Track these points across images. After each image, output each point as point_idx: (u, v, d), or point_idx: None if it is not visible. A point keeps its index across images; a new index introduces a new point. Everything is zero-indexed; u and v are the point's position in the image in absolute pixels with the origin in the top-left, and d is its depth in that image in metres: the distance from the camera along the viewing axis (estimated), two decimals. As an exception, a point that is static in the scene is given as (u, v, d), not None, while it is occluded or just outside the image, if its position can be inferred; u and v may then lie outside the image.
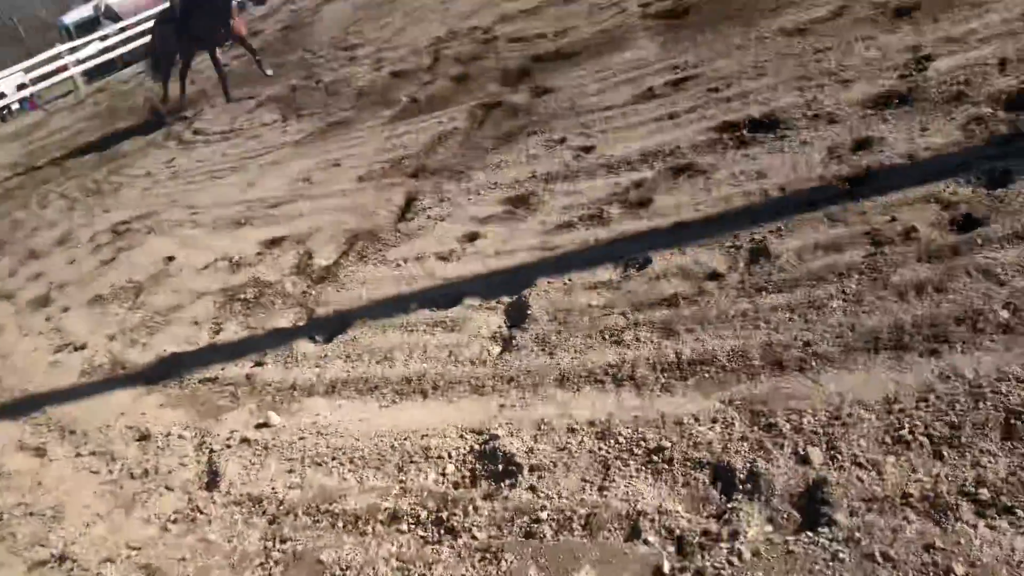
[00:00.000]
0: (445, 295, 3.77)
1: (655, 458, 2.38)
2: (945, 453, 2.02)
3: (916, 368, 2.33)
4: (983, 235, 2.74)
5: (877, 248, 2.90)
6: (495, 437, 2.72)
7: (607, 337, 3.04)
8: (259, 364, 3.87)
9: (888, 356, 2.41)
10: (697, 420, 2.46)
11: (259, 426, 3.38)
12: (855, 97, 4.03)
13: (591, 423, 2.63)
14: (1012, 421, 2.03)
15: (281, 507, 2.84)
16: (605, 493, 2.34)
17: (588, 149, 4.74)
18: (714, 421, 2.42)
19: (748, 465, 2.21)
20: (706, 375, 2.65)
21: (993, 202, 2.90)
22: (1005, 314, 2.38)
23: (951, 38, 4.22)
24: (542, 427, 2.70)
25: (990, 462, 1.95)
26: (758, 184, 3.66)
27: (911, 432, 2.12)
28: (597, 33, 6.91)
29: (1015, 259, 2.58)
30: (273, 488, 2.95)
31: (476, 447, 2.73)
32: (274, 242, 5.22)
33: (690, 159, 4.13)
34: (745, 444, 2.29)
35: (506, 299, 3.55)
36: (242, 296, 4.61)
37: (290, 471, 3.01)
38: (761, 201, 3.54)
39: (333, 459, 2.98)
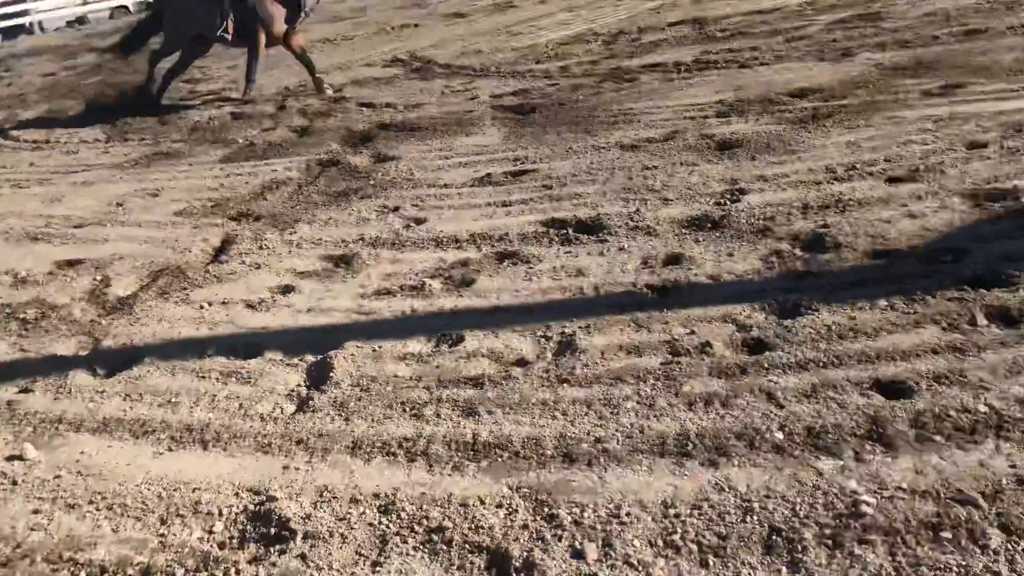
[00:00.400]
0: (247, 345, 3.60)
1: (435, 538, 2.32)
2: (711, 561, 2.09)
3: (695, 476, 2.41)
4: (769, 360, 2.93)
5: (674, 357, 3.04)
6: (273, 499, 2.57)
7: (407, 410, 2.98)
8: (25, 391, 3.51)
9: (671, 461, 2.49)
10: (483, 503, 2.42)
11: (10, 458, 3.04)
12: (673, 215, 4.28)
13: (376, 495, 2.54)
14: (773, 537, 2.13)
15: (17, 550, 2.54)
16: (378, 569, 2.24)
17: (420, 221, 4.75)
18: (499, 506, 2.40)
19: (525, 554, 2.19)
20: (499, 459, 2.63)
21: (782, 331, 3.12)
22: (780, 435, 2.53)
23: (764, 177, 4.60)
24: (325, 494, 2.58)
25: (749, 574, 2.03)
26: (576, 281, 3.77)
27: (682, 537, 2.18)
28: (446, 113, 7.04)
29: (794, 385, 2.76)
30: (13, 527, 2.64)
31: (251, 507, 2.57)
32: (70, 264, 4.83)
33: (516, 248, 4.22)
34: (526, 532, 2.28)
35: (310, 358, 3.43)
36: (21, 315, 4.21)
37: (36, 511, 2.71)
38: (576, 297, 3.64)
39: (90, 503, 2.71)
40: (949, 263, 3.43)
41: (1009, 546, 2.00)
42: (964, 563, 1.97)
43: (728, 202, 4.37)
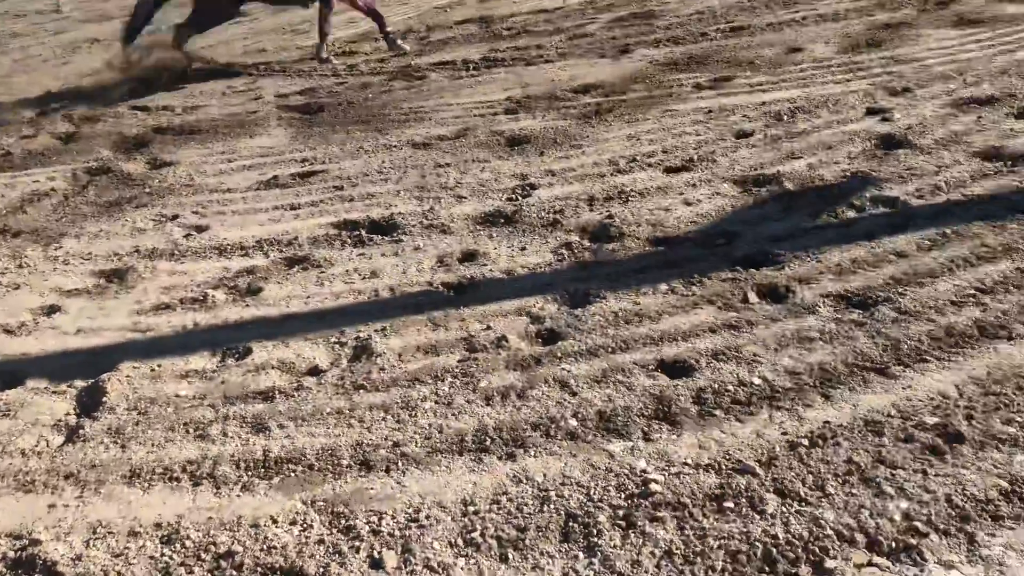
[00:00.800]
0: (4, 374, 3.25)
1: (223, 564, 2.17)
2: (510, 555, 2.08)
3: (494, 470, 2.40)
4: (562, 349, 2.98)
5: (471, 354, 3.03)
6: (36, 542, 2.31)
7: (191, 431, 2.78)
8: None
9: (470, 458, 2.47)
10: (275, 522, 2.30)
11: None
12: (467, 212, 4.28)
13: (158, 525, 2.35)
14: (570, 524, 2.16)
15: None
16: (161, 606, 2.07)
17: (201, 229, 4.49)
18: (293, 523, 2.29)
19: (321, 570, 2.09)
20: (292, 474, 2.51)
21: (573, 320, 3.18)
22: (574, 422, 2.57)
23: (552, 171, 4.70)
24: (99, 530, 2.35)
25: (548, 563, 2.03)
26: (370, 284, 3.68)
27: (482, 534, 2.16)
28: (228, 115, 6.70)
29: (586, 372, 2.82)
30: None
31: (11, 554, 2.30)
32: None
33: (307, 252, 4.07)
34: (321, 548, 2.18)
35: (80, 383, 3.14)
36: None
37: None
38: (371, 300, 3.55)
39: None
40: (722, 246, 3.63)
41: (784, 509, 2.12)
42: (746, 530, 2.07)
43: (519, 197, 4.42)
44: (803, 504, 2.13)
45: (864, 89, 5.31)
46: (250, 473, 2.54)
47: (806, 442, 2.36)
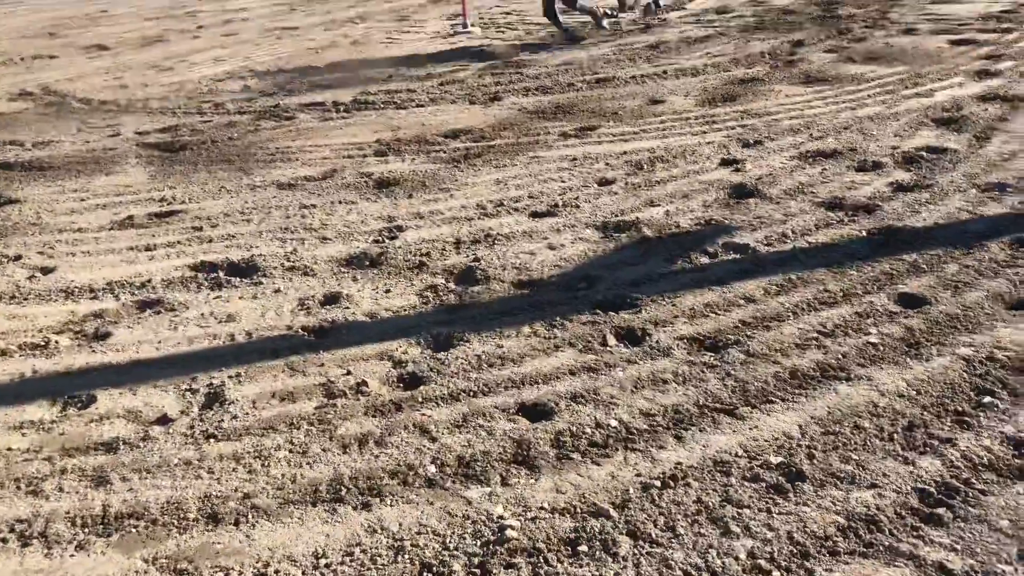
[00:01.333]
0: None
1: (50, 633, 2.02)
2: (362, 608, 2.02)
3: (348, 521, 2.34)
4: (423, 393, 2.96)
5: (329, 400, 2.96)
6: None
7: (23, 486, 2.60)
8: None
9: (324, 509, 2.40)
10: (111, 583, 2.16)
11: None
12: (331, 254, 4.22)
13: (-22, 592, 2.17)
14: (424, 574, 2.12)
15: None
16: None
17: (47, 271, 4.24)
18: (131, 584, 2.16)
19: (158, 634, 1.98)
20: (134, 530, 2.37)
21: (435, 363, 3.17)
22: (432, 468, 2.54)
23: (420, 214, 4.70)
24: (-91, 601, 2.15)
25: (400, 616, 1.99)
26: (226, 328, 3.56)
27: (333, 588, 2.09)
28: (84, 151, 6.40)
29: (447, 417, 2.80)
30: None
31: None
32: None
33: (160, 295, 3.90)
34: (161, 609, 2.06)
35: (-102, 437, 2.88)
36: None
37: None
38: (226, 345, 3.43)
39: None
40: (584, 290, 3.70)
41: (635, 551, 2.15)
42: (598, 573, 2.08)
43: (386, 239, 4.39)
44: (654, 546, 2.17)
45: (719, 140, 5.58)
46: (87, 531, 2.38)
47: (659, 483, 2.41)
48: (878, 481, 2.36)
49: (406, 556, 2.18)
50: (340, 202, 4.99)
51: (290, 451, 2.68)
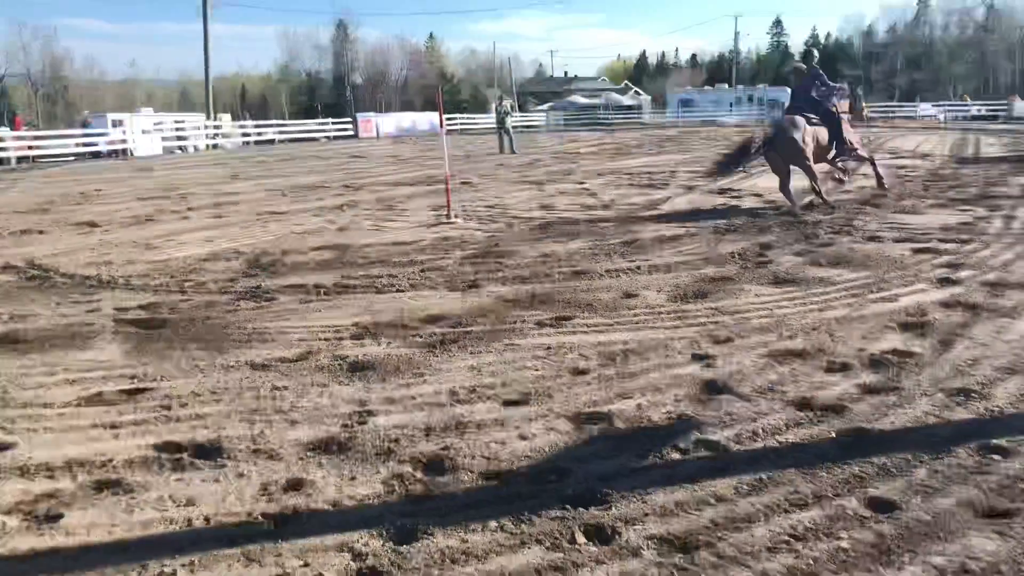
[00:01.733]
0: None
1: None
2: None
3: None
4: (382, 590, 2.84)
5: (283, 594, 2.83)
6: None
7: None
8: None
9: None
10: None
11: None
12: (299, 437, 4.16)
13: None
14: None
15: None
16: None
17: (5, 447, 4.14)
18: None
19: None
20: None
21: (397, 557, 3.06)
22: (386, 674, 2.40)
23: (392, 399, 4.68)
24: None
25: None
26: (184, 512, 3.45)
27: None
28: (60, 325, 6.42)
29: (405, 617, 2.68)
30: None
31: None
32: None
33: (120, 475, 3.80)
34: None
35: None
36: None
37: None
38: (183, 531, 3.31)
39: None
40: (553, 482, 3.65)
41: None
42: None
43: (355, 424, 4.35)
44: None
45: (690, 336, 5.69)
46: None
47: None
48: None
49: None
50: (312, 384, 4.98)
51: (237, 650, 2.53)
